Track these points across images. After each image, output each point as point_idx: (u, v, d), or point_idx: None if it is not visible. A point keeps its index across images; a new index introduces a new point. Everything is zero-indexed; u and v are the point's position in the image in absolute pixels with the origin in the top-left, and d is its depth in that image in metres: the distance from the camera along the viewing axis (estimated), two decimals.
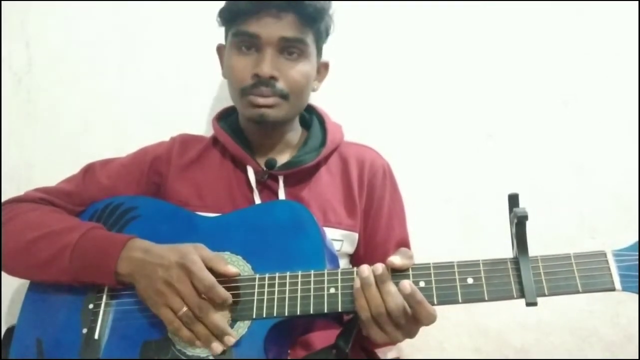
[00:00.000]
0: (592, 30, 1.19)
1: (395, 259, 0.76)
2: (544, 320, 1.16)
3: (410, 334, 0.76)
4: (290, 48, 0.94)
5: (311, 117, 1.08)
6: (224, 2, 0.99)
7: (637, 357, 1.11)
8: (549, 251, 1.14)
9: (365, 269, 0.74)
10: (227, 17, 0.97)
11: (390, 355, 1.08)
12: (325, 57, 1.05)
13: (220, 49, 1.05)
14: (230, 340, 0.77)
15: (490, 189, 1.19)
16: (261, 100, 0.93)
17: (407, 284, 0.72)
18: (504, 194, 1.16)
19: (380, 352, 1.02)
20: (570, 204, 1.17)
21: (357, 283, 0.74)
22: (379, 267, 0.74)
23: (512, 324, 1.17)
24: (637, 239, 1.10)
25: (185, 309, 0.76)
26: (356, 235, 1.01)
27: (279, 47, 0.94)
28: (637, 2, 1.17)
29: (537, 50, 1.20)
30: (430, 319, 0.73)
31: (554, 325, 1.16)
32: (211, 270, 0.78)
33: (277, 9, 0.92)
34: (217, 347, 0.76)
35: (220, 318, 0.77)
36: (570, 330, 1.15)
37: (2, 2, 1.29)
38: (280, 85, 0.94)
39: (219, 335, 0.77)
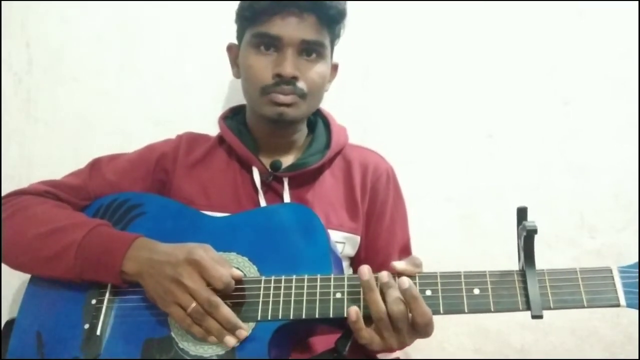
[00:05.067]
0: (592, 30, 1.19)
1: (399, 264, 0.76)
2: (544, 320, 1.14)
3: (405, 342, 0.75)
4: (309, 50, 0.95)
5: (316, 119, 1.08)
6: (225, 1, 0.98)
7: (637, 357, 1.11)
8: (550, 251, 1.16)
9: (366, 271, 0.74)
10: (248, 16, 0.96)
11: (390, 355, 1.07)
12: None
13: (231, 49, 1.04)
14: (243, 333, 0.76)
15: (490, 188, 1.19)
16: (282, 98, 0.93)
17: (405, 279, 0.73)
18: (503, 194, 1.18)
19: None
20: (571, 203, 1.17)
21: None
22: (385, 275, 0.74)
23: (512, 324, 1.17)
24: (637, 240, 1.11)
25: (194, 304, 0.75)
26: (358, 238, 1.01)
27: (299, 49, 0.94)
28: (637, 2, 1.17)
29: (538, 51, 1.21)
30: (425, 319, 0.72)
31: (554, 326, 1.16)
32: None
33: (299, 9, 0.92)
34: (231, 340, 0.76)
35: (231, 312, 0.77)
36: (570, 330, 1.16)
37: (2, 2, 1.29)
38: (301, 85, 0.94)
39: (231, 329, 0.76)
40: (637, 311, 1.09)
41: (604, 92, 1.18)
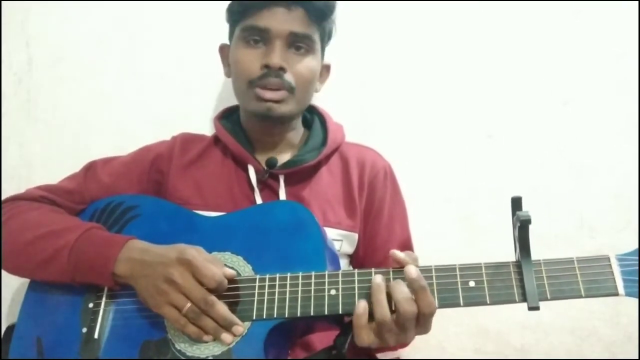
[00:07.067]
0: (592, 30, 1.19)
1: (400, 253, 0.76)
2: (544, 320, 1.16)
3: (405, 341, 0.75)
4: (298, 43, 0.95)
5: (312, 117, 1.08)
6: (223, 1, 0.99)
7: (637, 357, 1.11)
8: (549, 251, 1.15)
9: (379, 280, 0.74)
10: (238, 11, 0.97)
11: (390, 355, 1.07)
12: (326, 57, 1.05)
13: (223, 49, 1.05)
14: (239, 329, 0.76)
15: (490, 189, 1.19)
16: (268, 95, 0.93)
17: (413, 268, 0.72)
18: (503, 194, 1.18)
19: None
20: (570, 204, 1.17)
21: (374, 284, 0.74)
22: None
23: (512, 324, 1.17)
24: (637, 240, 1.11)
25: (189, 304, 0.75)
26: (355, 236, 1.01)
27: (288, 42, 0.94)
28: (637, 2, 1.17)
29: (537, 51, 1.20)
30: (431, 309, 0.72)
31: (554, 325, 1.16)
32: None
33: (287, 2, 0.93)
34: (227, 337, 0.76)
35: (226, 309, 0.77)
36: (570, 330, 1.15)
37: (2, 2, 1.29)
38: (289, 77, 0.94)
39: (227, 326, 0.76)
40: (637, 311, 1.10)
41: (604, 92, 1.18)
